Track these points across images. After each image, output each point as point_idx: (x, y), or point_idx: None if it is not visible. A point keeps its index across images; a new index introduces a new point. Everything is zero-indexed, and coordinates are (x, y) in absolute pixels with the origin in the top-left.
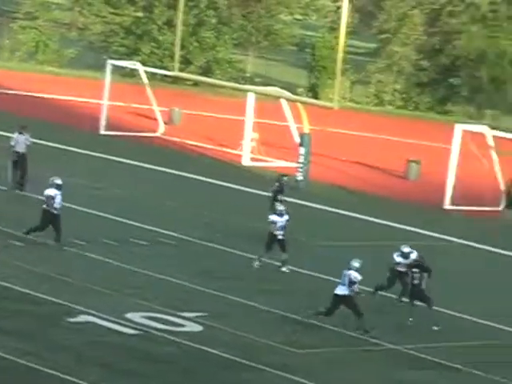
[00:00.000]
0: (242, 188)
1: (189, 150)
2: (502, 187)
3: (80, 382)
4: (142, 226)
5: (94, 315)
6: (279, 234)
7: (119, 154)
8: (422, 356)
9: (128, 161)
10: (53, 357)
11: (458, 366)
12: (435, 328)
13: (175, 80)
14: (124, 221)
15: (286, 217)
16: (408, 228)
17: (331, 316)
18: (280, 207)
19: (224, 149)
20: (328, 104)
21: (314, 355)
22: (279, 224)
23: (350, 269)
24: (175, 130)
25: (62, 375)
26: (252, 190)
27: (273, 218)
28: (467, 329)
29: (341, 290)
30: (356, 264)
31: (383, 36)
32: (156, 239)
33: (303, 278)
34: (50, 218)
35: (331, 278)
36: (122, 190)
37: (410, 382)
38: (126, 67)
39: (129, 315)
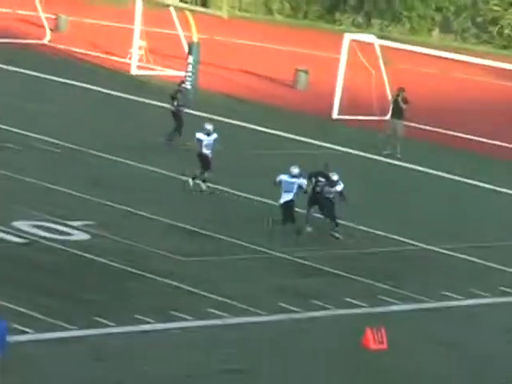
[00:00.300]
0: (130, 97)
1: (76, 58)
2: (390, 97)
3: None
4: (25, 132)
5: None
6: (207, 152)
7: (4, 61)
8: (308, 263)
9: (13, 68)
10: None
11: (342, 273)
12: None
13: None
14: (4, 127)
15: (214, 135)
16: (297, 137)
17: (290, 222)
18: (208, 126)
19: (112, 57)
20: (217, 13)
21: (201, 263)
22: (205, 142)
23: (294, 176)
24: (62, 38)
25: None
26: (140, 99)
27: (199, 135)
28: (350, 236)
29: (286, 197)
30: (297, 170)
31: None
32: (41, 146)
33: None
34: None
35: (217, 186)
36: (7, 98)
37: (292, 287)
38: None
39: (16, 224)
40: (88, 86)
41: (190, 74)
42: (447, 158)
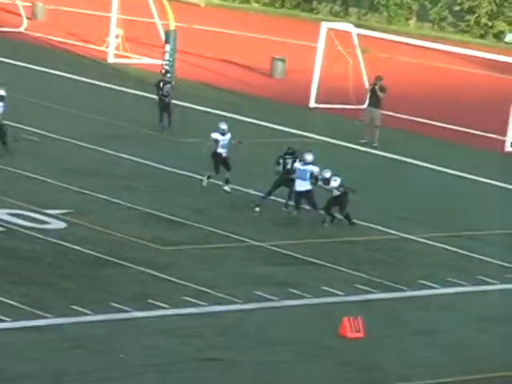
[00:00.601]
0: (107, 85)
1: (52, 46)
2: (367, 86)
3: None
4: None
5: None
6: (223, 152)
7: None
8: (285, 252)
9: None
10: None
11: (320, 262)
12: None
13: None
14: None
15: (228, 135)
16: (273, 126)
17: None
18: (223, 126)
19: (89, 45)
20: (194, 1)
21: (178, 252)
22: (221, 142)
23: (306, 163)
24: (38, 26)
25: None
26: (117, 87)
27: (215, 136)
28: (333, 226)
29: (302, 186)
30: (310, 157)
31: None
32: (18, 135)
33: (168, 175)
34: None
35: (195, 175)
36: None
37: (270, 276)
38: None
39: None
40: (65, 74)
41: (166, 62)
42: (424, 147)
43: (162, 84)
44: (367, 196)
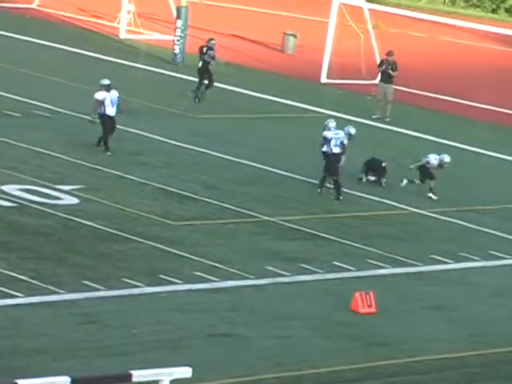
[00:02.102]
0: (119, 61)
1: (64, 23)
2: (378, 61)
3: None
4: (16, 97)
5: None
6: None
7: None
8: (297, 227)
9: (3, 32)
10: None
11: (332, 237)
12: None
13: None
14: None
15: (341, 133)
16: (286, 101)
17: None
18: (332, 123)
19: (101, 21)
20: None
21: (189, 227)
22: (333, 142)
23: (338, 131)
24: (50, 2)
25: None
26: (129, 63)
27: (326, 134)
28: (339, 200)
29: (336, 149)
30: (333, 123)
31: None
32: (30, 111)
33: (179, 150)
34: None
35: (208, 151)
36: None
37: (282, 251)
38: None
39: (5, 188)
40: (77, 50)
41: (178, 38)
42: (435, 122)
43: (205, 49)
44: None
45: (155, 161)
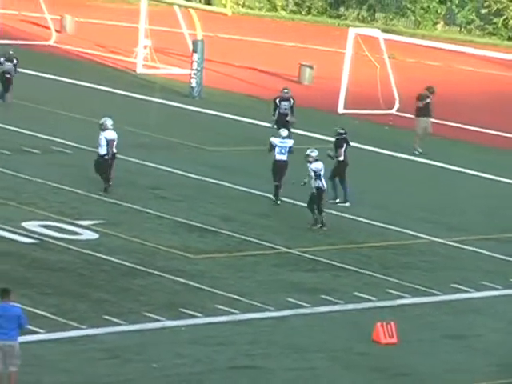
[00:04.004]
0: (136, 95)
1: (82, 58)
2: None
3: None
4: (35, 134)
5: None
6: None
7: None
8: (316, 258)
9: (20, 69)
10: None
11: (351, 267)
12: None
13: None
14: (15, 129)
15: (290, 141)
16: (303, 133)
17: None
18: (284, 133)
19: (118, 56)
20: (222, 10)
21: (209, 260)
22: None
23: (317, 160)
24: (67, 38)
25: None
26: (146, 97)
27: (273, 140)
28: (358, 231)
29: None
30: (315, 153)
31: None
32: (49, 148)
33: (196, 183)
34: None
35: (226, 184)
36: (15, 100)
37: (302, 283)
38: None
39: (25, 224)
40: (95, 85)
41: (195, 71)
42: (452, 150)
43: (278, 100)
44: (398, 200)
45: (173, 194)
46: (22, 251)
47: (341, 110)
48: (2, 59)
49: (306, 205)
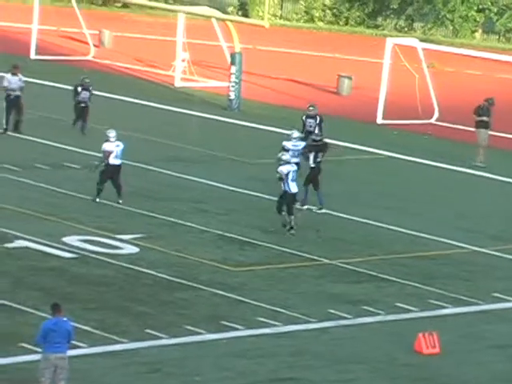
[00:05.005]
0: (175, 109)
1: (120, 73)
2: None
3: (19, 306)
4: (75, 149)
5: (30, 240)
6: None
7: (51, 78)
8: (357, 269)
9: (60, 85)
10: None
11: (392, 278)
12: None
13: (104, 2)
14: (56, 145)
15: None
16: (342, 143)
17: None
18: (295, 134)
19: (156, 70)
20: (259, 22)
21: (251, 273)
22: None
23: (285, 164)
24: (106, 53)
25: (1, 301)
26: (185, 111)
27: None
28: (399, 241)
29: (295, 188)
30: (285, 157)
31: None
32: (88, 162)
33: (236, 196)
34: None
35: (266, 196)
36: (55, 115)
37: (343, 294)
38: None
39: (65, 239)
40: (132, 99)
41: (233, 84)
42: (494, 159)
43: (305, 118)
44: (438, 210)
45: (213, 207)
46: (63, 266)
47: (379, 120)
48: (80, 88)
49: (345, 216)
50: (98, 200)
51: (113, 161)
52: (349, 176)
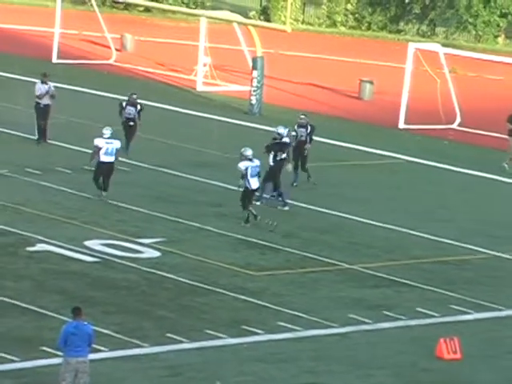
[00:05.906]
0: (197, 113)
1: (142, 77)
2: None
3: (41, 310)
4: None
5: (52, 244)
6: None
7: (73, 82)
8: (378, 274)
9: (82, 89)
10: (13, 286)
11: (413, 283)
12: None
13: (126, 6)
14: (77, 149)
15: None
16: (363, 148)
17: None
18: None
19: (177, 74)
20: (281, 27)
21: (271, 277)
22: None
23: (251, 159)
24: (128, 57)
25: (23, 304)
26: (206, 115)
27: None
28: (420, 246)
29: (255, 184)
30: (249, 152)
31: None
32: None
33: None
34: None
35: (287, 200)
36: (76, 119)
37: (364, 299)
38: None
39: (87, 243)
40: (154, 104)
41: (254, 88)
42: None
43: (297, 127)
44: (459, 216)
45: (234, 211)
46: (84, 270)
47: (401, 125)
48: (124, 103)
49: (365, 221)
50: (104, 194)
51: (103, 157)
52: (369, 181)
